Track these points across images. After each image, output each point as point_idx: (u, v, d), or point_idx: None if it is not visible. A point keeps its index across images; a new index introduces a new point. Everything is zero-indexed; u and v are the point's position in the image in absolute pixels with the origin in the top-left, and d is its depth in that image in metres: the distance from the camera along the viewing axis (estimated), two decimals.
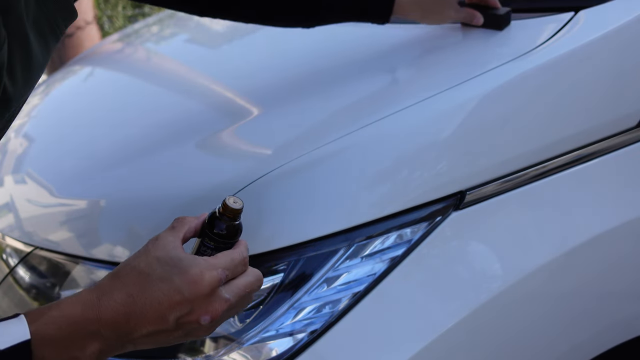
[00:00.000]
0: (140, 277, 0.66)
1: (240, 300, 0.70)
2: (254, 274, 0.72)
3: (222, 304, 0.67)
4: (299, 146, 0.98)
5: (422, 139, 0.96)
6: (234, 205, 0.73)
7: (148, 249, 0.68)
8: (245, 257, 0.72)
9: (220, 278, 0.67)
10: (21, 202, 1.20)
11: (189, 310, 0.66)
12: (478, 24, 1.15)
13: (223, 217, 0.73)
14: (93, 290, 0.66)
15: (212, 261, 0.68)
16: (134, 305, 0.64)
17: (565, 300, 0.99)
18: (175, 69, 1.49)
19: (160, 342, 0.68)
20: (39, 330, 0.62)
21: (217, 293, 0.67)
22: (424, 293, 0.94)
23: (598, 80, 1.01)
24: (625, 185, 1.02)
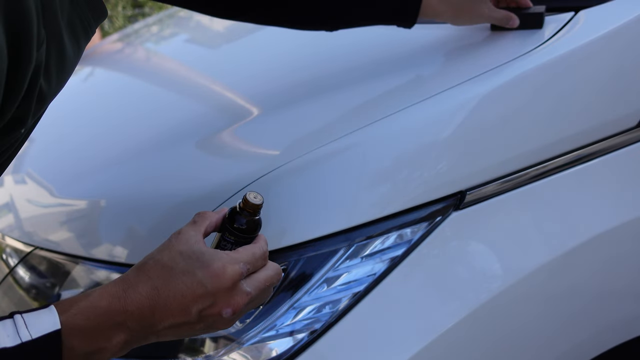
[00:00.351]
0: (164, 270, 0.67)
1: (261, 294, 0.72)
2: (274, 267, 0.74)
3: (243, 297, 0.69)
4: (299, 146, 0.98)
5: (422, 139, 0.96)
6: (255, 201, 0.74)
7: (171, 243, 0.70)
8: (266, 251, 0.73)
9: (242, 272, 0.69)
10: (21, 202, 1.20)
11: (211, 303, 0.67)
12: (514, 26, 1.11)
13: (243, 212, 0.74)
14: (119, 282, 0.68)
15: (234, 255, 0.70)
16: (159, 298, 0.66)
17: (565, 300, 0.99)
18: (175, 69, 1.49)
19: (183, 334, 0.70)
20: (69, 321, 0.64)
21: (239, 286, 0.69)
22: (424, 293, 0.94)
23: (598, 80, 1.01)
24: (625, 185, 1.02)
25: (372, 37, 1.33)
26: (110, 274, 1.03)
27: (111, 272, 1.02)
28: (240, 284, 0.69)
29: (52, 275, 1.11)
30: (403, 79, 1.09)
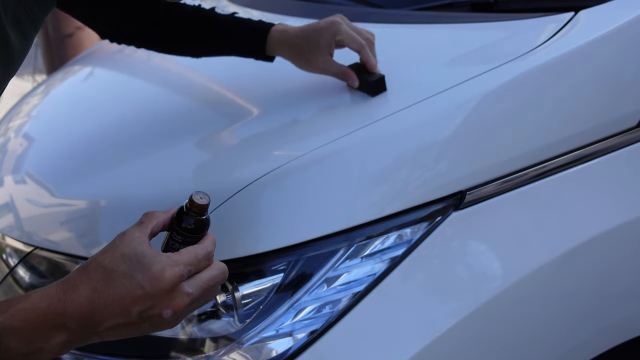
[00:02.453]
0: (105, 272, 0.68)
1: (205, 293, 0.72)
2: (219, 267, 0.74)
3: (184, 298, 0.69)
4: (299, 146, 0.98)
5: (422, 139, 0.96)
6: (201, 201, 0.75)
7: (115, 244, 0.71)
8: (210, 251, 0.74)
9: (182, 274, 0.69)
10: (21, 202, 1.20)
11: (151, 305, 0.68)
12: (353, 86, 1.07)
13: (190, 212, 0.75)
14: (60, 284, 0.69)
15: (174, 257, 0.71)
16: (98, 300, 0.67)
17: (565, 300, 0.99)
18: (174, 69, 1.48)
19: (127, 334, 0.70)
20: (6, 322, 0.65)
21: (179, 288, 0.69)
22: (424, 293, 0.94)
23: (598, 80, 1.01)
24: (625, 185, 1.02)
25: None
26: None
27: None
28: (181, 285, 0.70)
29: (52, 275, 1.11)
30: (403, 78, 1.09)
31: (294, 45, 1.11)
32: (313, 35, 1.09)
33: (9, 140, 1.47)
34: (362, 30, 1.10)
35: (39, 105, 1.63)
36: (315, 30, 1.10)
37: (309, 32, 1.10)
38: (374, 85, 1.05)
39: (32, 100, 1.68)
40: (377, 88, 1.05)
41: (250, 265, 0.92)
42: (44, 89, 1.73)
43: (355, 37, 1.08)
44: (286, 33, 1.12)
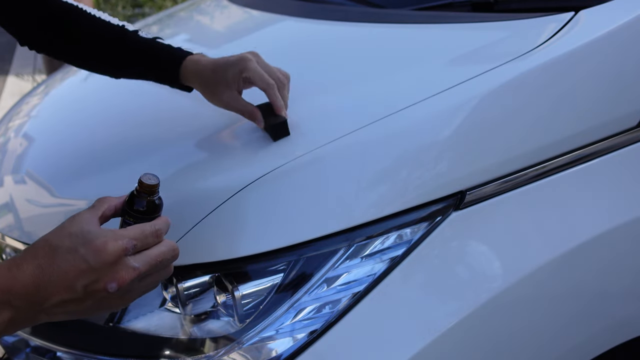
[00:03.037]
0: (50, 249, 0.69)
1: (152, 269, 0.73)
2: (168, 244, 0.75)
3: (129, 272, 0.70)
4: (299, 146, 0.98)
5: (422, 139, 0.96)
6: (149, 182, 0.76)
7: (64, 225, 0.72)
8: (158, 229, 0.75)
9: (126, 247, 0.70)
10: (21, 202, 1.20)
11: (95, 279, 0.69)
12: (259, 127, 1.04)
13: (140, 194, 0.76)
14: (6, 262, 0.69)
15: (119, 232, 0.72)
16: (43, 276, 0.68)
17: (565, 300, 0.99)
18: None
19: (73, 311, 0.71)
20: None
21: (123, 261, 0.70)
22: (424, 293, 0.94)
23: (598, 80, 1.01)
24: (625, 185, 1.02)
25: (374, 37, 1.33)
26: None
27: None
28: (126, 259, 0.71)
29: None
30: (403, 78, 1.09)
31: (204, 77, 1.08)
32: (222, 69, 1.06)
33: (9, 140, 1.47)
34: (276, 70, 1.07)
35: (39, 105, 1.63)
36: (225, 64, 1.06)
37: (219, 65, 1.06)
38: (275, 128, 1.01)
39: (32, 100, 1.68)
40: (278, 132, 1.01)
41: (250, 265, 0.93)
42: (44, 89, 1.73)
43: (263, 76, 1.03)
44: (198, 64, 1.08)
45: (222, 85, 1.06)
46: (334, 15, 1.46)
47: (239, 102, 1.06)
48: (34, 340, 1.04)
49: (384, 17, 1.41)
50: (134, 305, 0.99)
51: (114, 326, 0.99)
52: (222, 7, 1.84)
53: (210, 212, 0.94)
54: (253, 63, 1.04)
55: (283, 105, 1.04)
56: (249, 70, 1.04)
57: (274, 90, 1.04)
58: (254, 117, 1.04)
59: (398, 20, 1.35)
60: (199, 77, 1.08)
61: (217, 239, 0.93)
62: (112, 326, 0.99)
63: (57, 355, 1.01)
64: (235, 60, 1.05)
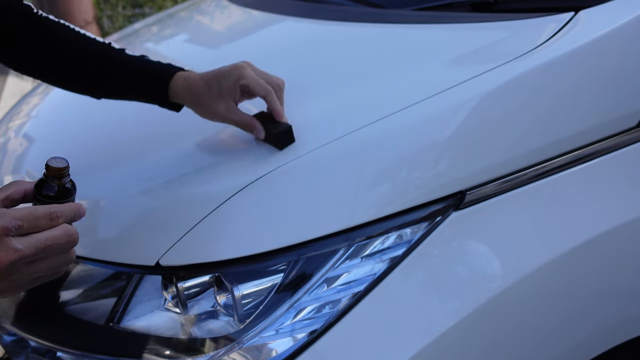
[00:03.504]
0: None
1: (42, 253, 0.70)
2: (64, 228, 0.72)
3: (9, 252, 0.68)
4: (299, 146, 0.98)
5: (422, 139, 0.96)
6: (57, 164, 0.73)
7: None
8: (54, 212, 0.72)
9: (8, 226, 0.68)
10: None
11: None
12: (259, 137, 1.01)
13: (48, 178, 0.73)
14: None
15: (4, 210, 0.69)
16: None
17: (564, 300, 0.99)
18: None
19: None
20: None
21: (4, 241, 0.68)
22: (424, 293, 0.94)
23: (598, 80, 1.01)
24: (625, 185, 1.02)
25: (371, 38, 1.33)
26: (109, 274, 1.03)
27: (111, 271, 1.02)
28: (7, 239, 0.68)
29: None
30: (403, 78, 1.09)
31: (196, 92, 1.04)
32: (216, 80, 1.02)
33: (9, 140, 1.47)
34: (271, 77, 1.04)
35: (39, 105, 1.63)
36: (217, 75, 1.03)
37: (212, 78, 1.03)
38: (280, 136, 0.97)
39: (32, 100, 1.68)
40: (283, 140, 0.98)
41: (250, 265, 0.93)
42: (44, 89, 1.73)
43: (261, 83, 1.01)
44: (189, 79, 1.05)
45: (217, 98, 1.02)
46: (334, 16, 1.46)
47: (237, 113, 1.03)
48: (34, 340, 1.04)
49: (384, 17, 1.41)
50: (134, 305, 0.99)
51: (114, 326, 0.99)
52: (222, 7, 1.84)
53: (210, 212, 0.94)
54: (249, 70, 1.02)
55: (282, 111, 1.02)
56: (246, 78, 1.01)
57: (274, 97, 1.01)
58: (252, 128, 1.02)
59: (398, 20, 1.35)
60: (191, 92, 1.04)
61: (217, 239, 0.93)
62: (112, 326, 0.99)
63: (57, 355, 1.01)
64: (230, 69, 1.02)
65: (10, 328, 1.08)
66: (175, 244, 0.93)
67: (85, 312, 1.03)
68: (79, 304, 1.05)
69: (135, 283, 0.99)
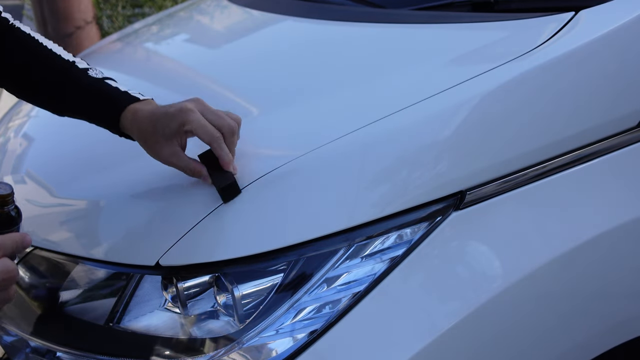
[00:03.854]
0: None
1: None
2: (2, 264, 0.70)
3: None
4: (299, 146, 0.98)
5: (422, 139, 0.96)
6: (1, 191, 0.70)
7: None
8: None
9: None
10: (21, 202, 1.20)
11: None
12: (207, 182, 0.96)
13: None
14: None
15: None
16: None
17: (565, 300, 0.99)
18: (174, 69, 1.49)
19: None
20: None
21: None
22: (424, 293, 0.94)
23: (598, 80, 1.01)
24: (625, 185, 1.02)
25: (372, 37, 1.33)
26: (109, 274, 1.03)
27: (111, 271, 1.02)
28: None
29: (52, 275, 1.11)
30: (403, 78, 1.09)
31: (142, 130, 0.99)
32: (161, 122, 0.97)
33: (9, 140, 1.47)
34: (223, 118, 0.96)
35: None
36: (164, 117, 0.97)
37: (158, 118, 0.97)
38: (224, 191, 0.93)
39: None
40: (228, 194, 0.93)
41: (250, 265, 0.92)
42: None
43: (207, 129, 0.94)
44: (137, 114, 1.00)
45: (161, 140, 0.97)
46: (334, 15, 1.46)
47: (181, 159, 0.98)
48: (34, 341, 1.04)
49: (384, 17, 1.41)
50: (134, 305, 0.99)
51: (114, 326, 0.99)
52: (222, 7, 1.84)
53: (210, 212, 0.94)
54: (195, 114, 0.95)
55: (231, 159, 0.95)
56: (190, 123, 0.95)
57: (220, 143, 0.95)
58: (198, 175, 0.97)
59: (398, 20, 1.35)
60: (139, 129, 1.00)
61: (217, 239, 0.93)
62: (112, 326, 0.99)
63: (57, 355, 1.01)
64: (175, 112, 0.96)
65: (10, 328, 1.08)
66: (175, 244, 0.93)
67: (85, 312, 1.03)
68: (79, 304, 1.05)
69: (135, 283, 0.99)
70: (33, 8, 3.90)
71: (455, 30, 1.19)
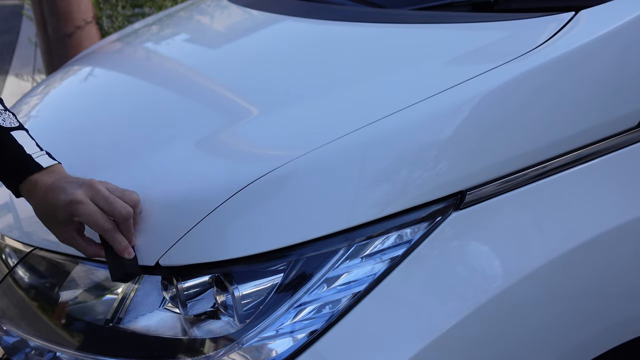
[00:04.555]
0: None
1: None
2: None
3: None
4: (299, 146, 0.98)
5: (422, 139, 0.96)
6: None
7: None
8: None
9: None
10: (21, 202, 1.20)
11: None
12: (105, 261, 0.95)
13: None
14: None
15: None
16: None
17: (565, 300, 0.99)
18: (174, 69, 1.48)
19: None
20: None
21: None
22: (424, 293, 0.94)
23: (598, 80, 1.01)
24: (625, 185, 1.02)
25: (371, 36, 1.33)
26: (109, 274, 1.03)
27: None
28: None
29: (51, 275, 1.11)
30: (403, 78, 1.09)
31: (39, 207, 0.97)
32: (51, 211, 0.94)
33: None
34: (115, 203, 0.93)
35: (38, 105, 1.62)
36: (53, 208, 0.94)
37: (49, 204, 0.94)
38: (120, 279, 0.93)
39: (31, 100, 1.68)
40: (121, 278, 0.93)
41: (250, 265, 0.92)
42: (44, 88, 1.73)
43: (98, 220, 0.92)
44: (34, 189, 0.96)
45: (57, 223, 0.95)
46: (334, 15, 1.46)
47: (78, 243, 0.96)
48: (34, 341, 1.04)
49: (384, 17, 1.41)
50: (134, 305, 0.99)
51: (114, 326, 0.99)
52: (222, 7, 1.84)
53: (210, 212, 0.93)
54: (83, 207, 0.92)
55: (124, 247, 0.93)
56: (79, 216, 0.92)
57: (113, 234, 0.93)
58: (98, 256, 0.96)
59: (398, 20, 1.35)
60: (35, 205, 0.97)
61: (216, 239, 0.93)
62: (112, 326, 0.99)
63: (57, 355, 1.01)
64: (65, 204, 0.92)
65: (10, 328, 1.08)
66: (175, 244, 0.93)
67: (85, 312, 1.03)
68: (79, 304, 1.05)
69: (135, 283, 0.99)
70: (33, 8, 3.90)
71: (455, 30, 1.19)
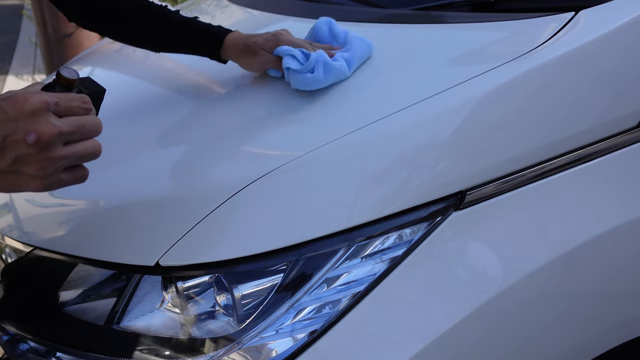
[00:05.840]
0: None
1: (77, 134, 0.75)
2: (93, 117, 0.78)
3: (50, 126, 0.72)
4: (299, 146, 0.98)
5: (422, 139, 0.96)
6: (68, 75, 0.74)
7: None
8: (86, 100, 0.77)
9: (47, 101, 0.72)
10: (21, 202, 1.20)
11: (14, 129, 0.71)
12: None
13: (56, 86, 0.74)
14: None
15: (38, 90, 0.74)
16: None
17: (565, 300, 0.99)
18: (174, 69, 1.48)
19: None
20: None
21: (44, 115, 0.72)
22: (424, 293, 0.94)
23: (598, 80, 1.01)
24: (625, 185, 1.02)
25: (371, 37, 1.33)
26: (109, 274, 1.03)
27: (111, 272, 1.02)
28: (47, 113, 0.72)
29: (52, 275, 1.11)
30: (403, 78, 1.09)
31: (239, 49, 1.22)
32: None
33: None
34: None
35: None
36: None
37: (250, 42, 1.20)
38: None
39: None
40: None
41: (250, 265, 0.92)
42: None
43: None
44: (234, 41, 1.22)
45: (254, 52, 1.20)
46: (334, 16, 1.46)
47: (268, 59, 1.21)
48: (33, 341, 1.04)
49: (384, 17, 1.41)
50: (134, 305, 0.99)
51: (113, 326, 0.98)
52: (222, 7, 1.84)
53: (210, 212, 0.94)
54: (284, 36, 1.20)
55: None
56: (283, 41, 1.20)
57: None
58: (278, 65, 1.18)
59: (398, 20, 1.35)
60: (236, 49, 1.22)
61: (216, 239, 0.93)
62: (112, 326, 0.99)
63: (57, 355, 1.01)
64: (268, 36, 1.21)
65: (10, 328, 1.08)
66: (175, 244, 0.93)
67: (85, 312, 1.03)
68: (79, 304, 1.05)
69: (135, 283, 0.99)
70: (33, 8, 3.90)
71: (455, 30, 1.19)
